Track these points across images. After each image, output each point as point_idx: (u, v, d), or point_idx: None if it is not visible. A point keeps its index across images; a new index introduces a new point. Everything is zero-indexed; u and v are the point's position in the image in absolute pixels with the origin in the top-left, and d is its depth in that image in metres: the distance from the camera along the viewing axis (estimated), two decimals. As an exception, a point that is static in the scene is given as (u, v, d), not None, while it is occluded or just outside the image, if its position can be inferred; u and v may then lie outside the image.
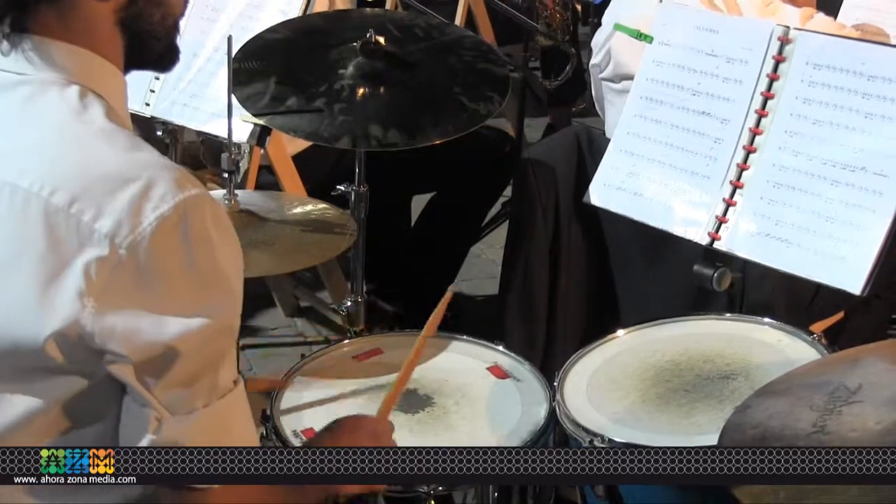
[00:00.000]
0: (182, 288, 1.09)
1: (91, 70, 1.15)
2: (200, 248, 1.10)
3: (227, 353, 1.14)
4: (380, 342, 1.95)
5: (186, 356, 1.10)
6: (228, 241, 1.13)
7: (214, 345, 1.12)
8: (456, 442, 1.59)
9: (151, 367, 1.09)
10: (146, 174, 1.10)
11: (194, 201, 1.10)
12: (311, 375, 1.85)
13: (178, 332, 1.08)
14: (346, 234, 2.02)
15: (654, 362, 1.82)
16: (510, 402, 1.78)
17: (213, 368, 1.13)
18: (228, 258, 1.12)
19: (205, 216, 1.11)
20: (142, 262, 1.08)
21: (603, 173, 2.01)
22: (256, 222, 2.03)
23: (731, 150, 1.89)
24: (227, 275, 1.12)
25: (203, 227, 1.10)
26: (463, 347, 1.93)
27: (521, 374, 1.85)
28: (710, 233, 1.89)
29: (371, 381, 1.84)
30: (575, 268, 2.32)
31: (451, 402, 1.78)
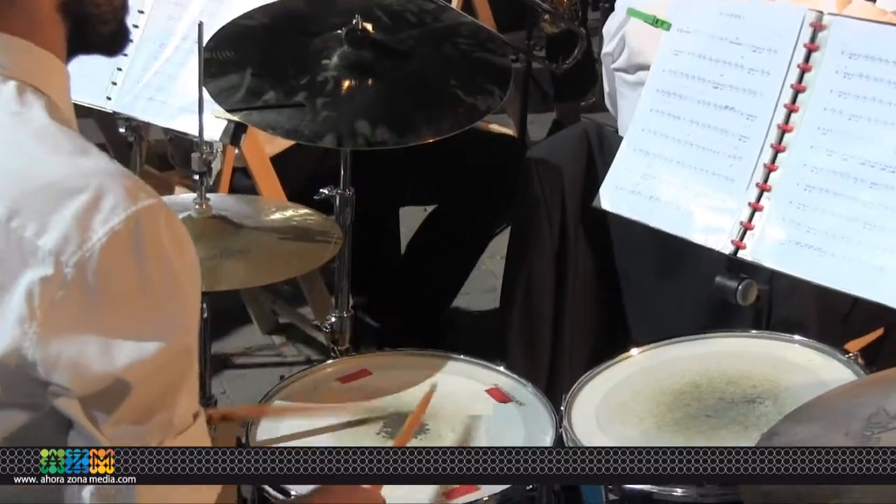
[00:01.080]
0: (134, 309, 1.10)
1: (30, 63, 1.13)
2: (155, 263, 1.10)
3: (185, 381, 1.14)
4: (367, 363, 1.96)
5: (139, 387, 1.09)
6: (185, 254, 1.13)
7: (171, 371, 1.12)
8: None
9: (100, 401, 1.09)
10: (94, 183, 1.09)
11: (148, 213, 1.10)
12: (291, 399, 1.86)
13: (129, 359, 1.08)
14: (331, 243, 2.03)
15: (671, 384, 1.83)
16: (512, 428, 1.79)
17: (169, 400, 1.12)
18: (185, 273, 1.12)
19: (159, 229, 1.11)
20: (90, 282, 1.07)
21: (615, 175, 2.02)
22: (230, 229, 2.04)
23: (758, 149, 1.90)
24: (183, 291, 1.12)
25: (158, 241, 1.10)
26: (459, 368, 1.94)
27: (524, 398, 1.86)
28: (734, 241, 1.90)
29: (357, 407, 1.85)
30: (583, 280, 2.32)
31: (447, 429, 1.79)
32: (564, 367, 2.32)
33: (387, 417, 1.81)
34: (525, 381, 1.89)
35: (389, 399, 1.86)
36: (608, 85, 2.35)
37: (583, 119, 2.58)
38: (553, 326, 2.34)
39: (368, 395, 1.87)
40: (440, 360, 1.94)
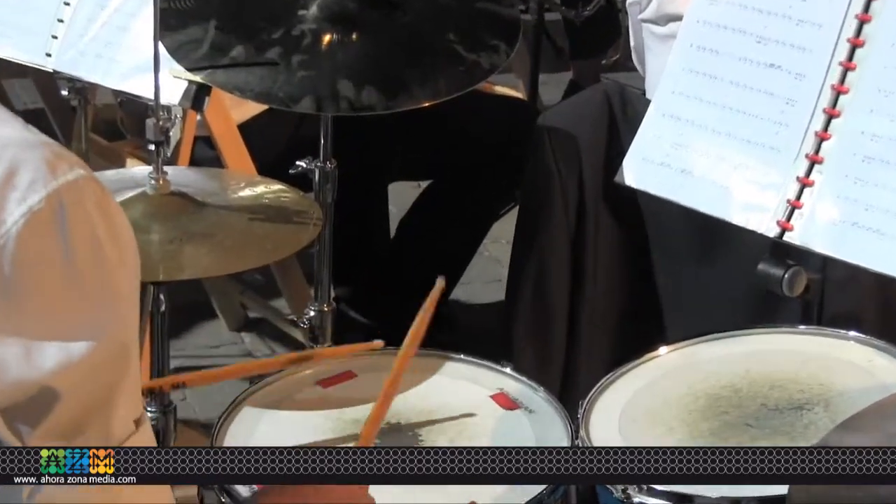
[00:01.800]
0: (59, 304, 1.09)
1: None
2: (83, 249, 1.09)
3: (122, 385, 1.14)
4: (352, 363, 1.96)
5: (69, 395, 1.10)
6: (119, 236, 1.12)
7: (105, 375, 1.12)
8: (452, 493, 1.60)
9: (24, 412, 1.09)
10: (7, 156, 1.08)
11: (73, 189, 1.09)
12: (263, 406, 1.86)
13: (55, 363, 1.08)
14: (309, 225, 2.05)
15: (706, 388, 1.84)
16: (520, 439, 1.79)
17: (104, 408, 1.13)
18: (119, 258, 1.12)
19: (87, 207, 1.10)
20: (6, 274, 1.07)
21: (641, 145, 2.02)
22: (192, 208, 2.04)
23: (808, 114, 1.90)
24: (115, 280, 1.12)
25: (86, 222, 1.10)
26: (459, 370, 1.95)
27: (535, 404, 1.87)
28: (780, 222, 1.90)
29: (340, 414, 1.86)
30: (604, 268, 2.33)
31: (444, 441, 1.80)
32: (581, 368, 2.33)
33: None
34: (535, 384, 1.90)
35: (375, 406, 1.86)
36: (634, 39, 2.37)
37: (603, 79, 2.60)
38: (568, 322, 2.34)
39: (353, 401, 1.88)
40: (437, 361, 1.94)
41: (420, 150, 2.90)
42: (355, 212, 2.81)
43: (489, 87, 2.94)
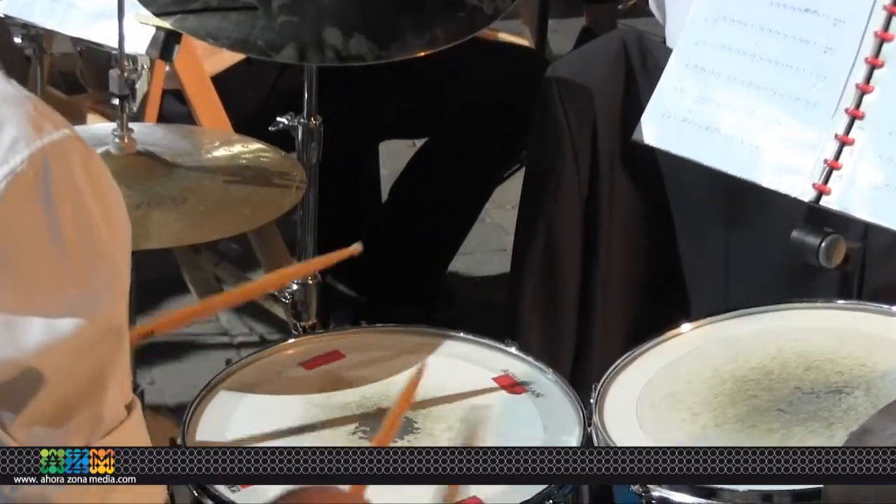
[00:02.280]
0: (43, 274, 1.10)
1: None
2: (70, 216, 1.10)
3: (114, 368, 1.15)
4: (340, 342, 1.97)
5: (55, 378, 1.10)
6: (109, 203, 1.14)
7: (94, 356, 1.13)
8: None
9: (5, 396, 1.10)
10: None
11: (58, 149, 1.10)
12: (240, 390, 1.87)
13: (40, 342, 1.09)
14: (291, 188, 2.05)
15: (733, 370, 1.84)
16: (527, 426, 1.80)
17: (94, 393, 1.14)
18: (109, 227, 1.13)
19: (74, 170, 1.11)
20: None
21: (661, 99, 2.02)
22: (160, 170, 2.04)
23: (848, 63, 1.90)
24: (107, 250, 1.13)
25: (72, 185, 1.10)
26: (459, 349, 1.95)
27: (543, 387, 1.88)
28: (817, 184, 1.90)
29: (327, 399, 1.86)
30: (619, 236, 2.33)
31: (443, 428, 1.81)
32: (595, 347, 2.34)
33: (364, 413, 1.83)
34: (544, 365, 1.91)
35: (368, 389, 1.88)
36: (653, -20, 2.39)
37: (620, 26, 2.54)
38: (580, 296, 2.34)
39: (340, 383, 1.89)
40: (434, 340, 1.96)
41: (415, 105, 2.89)
42: (343, 174, 2.82)
43: (492, 34, 2.93)
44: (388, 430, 1.67)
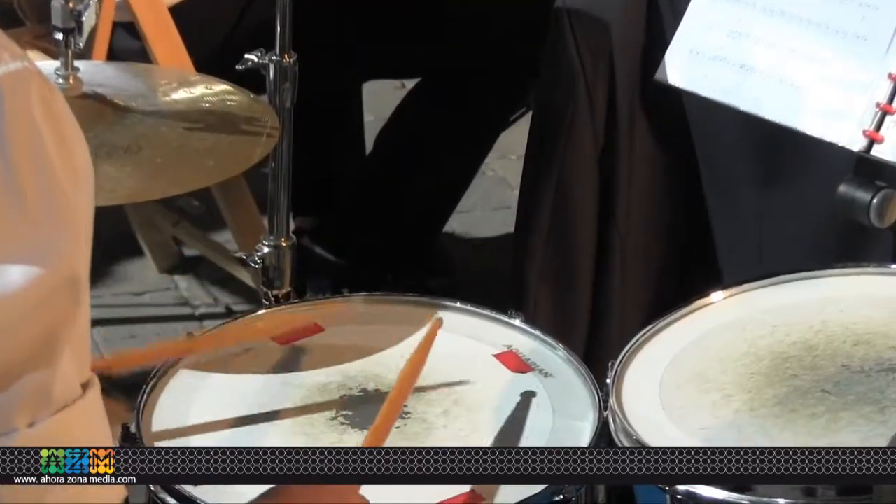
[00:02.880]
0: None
1: None
2: (24, 153, 1.12)
3: (69, 329, 1.16)
4: (318, 314, 1.97)
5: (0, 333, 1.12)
6: (70, 144, 1.15)
7: (48, 312, 1.14)
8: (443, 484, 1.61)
9: None
10: None
11: (14, 80, 1.12)
12: (202, 369, 1.88)
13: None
14: (262, 136, 2.05)
15: (771, 345, 1.84)
16: (533, 411, 1.81)
17: (44, 356, 1.14)
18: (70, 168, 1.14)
19: (31, 104, 1.13)
20: None
21: (688, 33, 2.01)
22: (111, 115, 2.05)
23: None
24: (66, 195, 1.14)
25: (28, 121, 1.12)
26: (457, 322, 1.95)
27: (552, 366, 1.88)
28: (867, 131, 1.89)
29: (303, 380, 1.86)
30: (641, 190, 2.34)
31: (437, 412, 1.81)
32: (612, 319, 2.34)
33: (346, 396, 1.84)
34: (553, 340, 1.91)
35: (351, 369, 1.88)
36: None
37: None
38: (595, 259, 2.34)
39: (319, 361, 1.89)
40: (427, 311, 1.95)
41: (405, 39, 2.88)
42: (321, 120, 2.81)
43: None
44: (385, 419, 1.66)
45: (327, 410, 1.82)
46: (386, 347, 1.90)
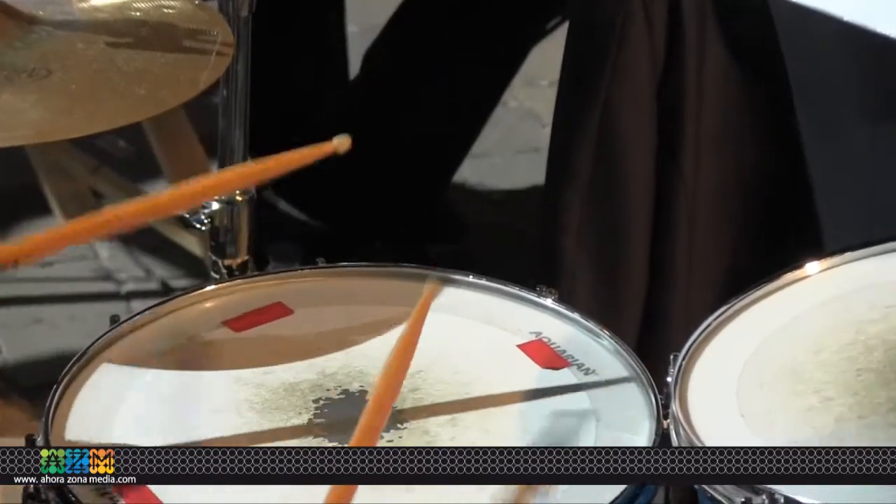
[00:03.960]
0: None
1: None
2: None
3: None
4: (284, 292, 2.01)
5: None
6: None
7: None
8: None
9: None
10: None
11: None
12: (131, 363, 1.89)
13: None
14: (209, 55, 2.07)
15: (882, 332, 1.86)
16: (570, 420, 1.83)
17: None
18: None
19: None
20: None
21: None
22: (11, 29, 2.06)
23: None
24: None
25: None
26: (467, 301, 1.98)
27: (596, 359, 1.90)
28: None
29: (265, 378, 1.88)
30: (712, 125, 2.36)
31: (442, 421, 1.82)
32: (674, 298, 2.35)
33: (323, 400, 1.85)
34: (597, 326, 1.93)
35: (329, 364, 1.90)
36: None
37: None
38: (652, 218, 2.36)
39: (286, 353, 1.91)
40: (429, 286, 1.91)
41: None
42: (289, 33, 2.84)
43: None
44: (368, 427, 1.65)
45: (297, 419, 1.83)
46: (374, 336, 1.91)
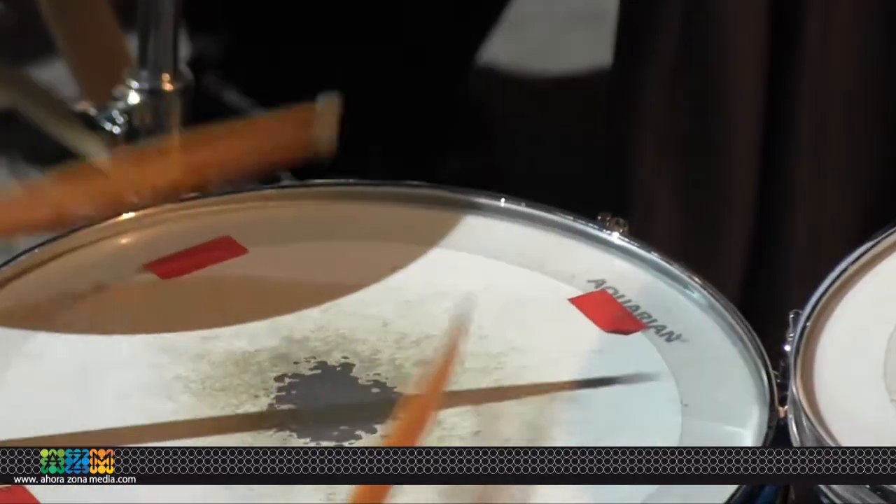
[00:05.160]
0: None
1: None
2: None
3: None
4: (232, 221, 2.05)
5: None
6: None
7: None
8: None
9: None
10: None
11: None
12: (20, 325, 1.92)
13: None
14: None
15: None
16: (646, 406, 1.83)
17: None
18: None
19: None
20: None
21: None
22: None
23: None
24: None
25: None
26: (502, 239, 2.02)
27: (681, 320, 1.93)
28: None
29: (207, 345, 1.90)
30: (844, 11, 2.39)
31: (463, 410, 1.83)
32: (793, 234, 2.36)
33: (290, 376, 1.87)
34: (685, 271, 1.95)
35: (297, 325, 1.93)
36: None
37: None
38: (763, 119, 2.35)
39: (236, 311, 1.93)
40: (441, 215, 2.04)
41: None
42: None
43: None
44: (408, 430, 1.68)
45: (251, 404, 1.85)
46: (362, 285, 1.93)
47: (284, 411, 1.81)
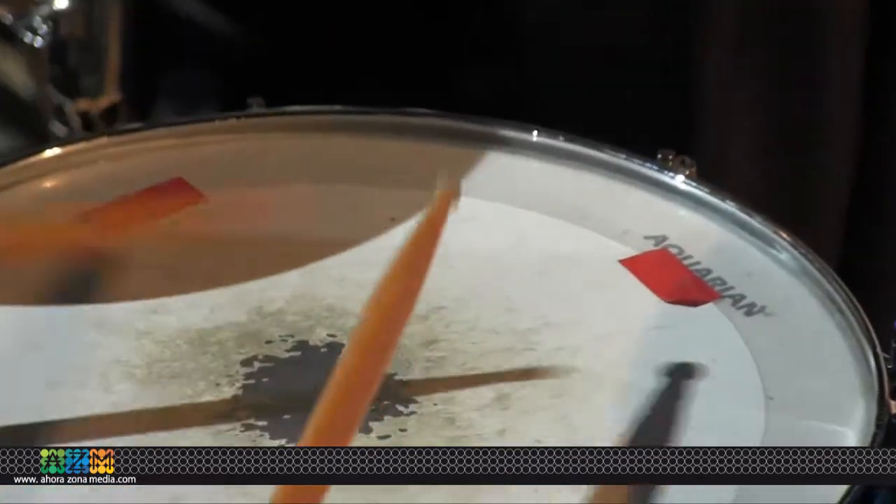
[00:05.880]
0: None
1: None
2: None
3: None
4: (184, 160, 2.08)
5: None
6: None
7: None
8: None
9: None
10: None
11: None
12: None
13: None
14: None
15: None
16: (719, 398, 1.82)
17: None
18: None
19: None
20: None
21: None
22: None
23: None
24: None
25: None
26: (534, 183, 2.05)
27: (764, 286, 1.93)
28: None
29: (155, 320, 1.90)
30: None
31: (482, 402, 1.82)
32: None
33: (260, 362, 1.87)
34: (769, 227, 1.94)
35: (265, 292, 1.94)
36: None
37: None
38: (868, 44, 2.38)
39: (188, 274, 1.94)
40: (449, 150, 2.07)
41: None
42: None
43: None
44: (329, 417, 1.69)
45: (211, 393, 1.86)
46: (353, 244, 1.93)
47: (254, 405, 1.81)
